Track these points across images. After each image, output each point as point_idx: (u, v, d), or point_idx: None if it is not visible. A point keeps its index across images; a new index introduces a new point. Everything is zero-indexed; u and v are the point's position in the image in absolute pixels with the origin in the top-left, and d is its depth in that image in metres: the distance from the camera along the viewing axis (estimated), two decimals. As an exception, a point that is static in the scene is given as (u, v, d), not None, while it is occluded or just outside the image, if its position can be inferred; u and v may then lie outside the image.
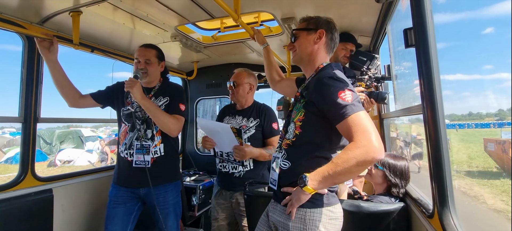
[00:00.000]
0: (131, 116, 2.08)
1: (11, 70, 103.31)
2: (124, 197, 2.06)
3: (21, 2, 1.74)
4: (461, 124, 9.44)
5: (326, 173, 1.15)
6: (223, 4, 1.58)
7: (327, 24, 1.43)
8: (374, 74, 2.15)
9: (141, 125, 2.07)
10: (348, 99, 1.16)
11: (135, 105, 2.09)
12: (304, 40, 1.44)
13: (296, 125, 1.34)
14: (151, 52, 2.11)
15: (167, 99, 2.13)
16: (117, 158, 2.15)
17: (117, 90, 2.18)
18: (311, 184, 1.16)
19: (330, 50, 1.45)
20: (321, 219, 1.26)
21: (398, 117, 2.64)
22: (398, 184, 1.75)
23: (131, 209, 2.07)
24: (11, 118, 2.06)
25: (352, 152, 1.09)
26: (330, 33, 1.43)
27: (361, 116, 1.14)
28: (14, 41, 14.40)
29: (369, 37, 2.48)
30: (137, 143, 2.03)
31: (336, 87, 1.20)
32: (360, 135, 1.10)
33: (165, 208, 2.07)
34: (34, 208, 2.01)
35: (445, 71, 10.03)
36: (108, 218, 2.05)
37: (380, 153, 1.08)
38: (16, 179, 1.98)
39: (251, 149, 2.07)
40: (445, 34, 47.96)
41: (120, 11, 1.95)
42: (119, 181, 2.09)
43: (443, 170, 1.18)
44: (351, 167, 1.09)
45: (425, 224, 1.36)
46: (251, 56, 3.23)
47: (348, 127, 1.14)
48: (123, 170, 2.09)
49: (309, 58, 1.44)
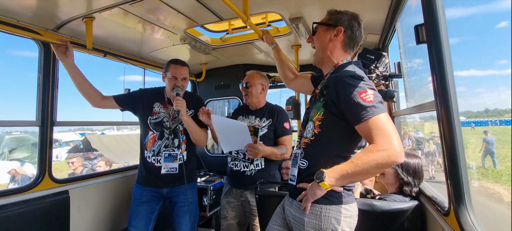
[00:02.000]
0: (159, 125, 2.20)
1: (28, 75, 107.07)
2: (148, 196, 2.19)
3: (37, 9, 1.80)
4: (477, 122, 9.20)
5: (345, 171, 1.13)
6: (232, 6, 1.60)
7: (348, 21, 1.38)
8: (382, 72, 2.12)
9: (169, 135, 2.20)
10: (369, 99, 1.13)
11: (162, 115, 2.22)
12: (321, 35, 1.41)
13: (315, 124, 1.31)
14: (186, 70, 2.24)
15: (192, 111, 2.27)
16: (142, 161, 2.23)
17: (141, 97, 2.27)
18: (328, 180, 1.15)
19: (349, 48, 1.40)
20: (337, 217, 1.26)
21: (409, 114, 2.60)
22: (411, 182, 1.73)
23: (154, 208, 2.22)
24: (29, 122, 2.14)
25: (373, 154, 1.07)
26: (350, 31, 1.37)
27: (383, 118, 1.11)
28: (31, 47, 14.58)
29: (378, 35, 2.45)
30: (165, 151, 2.17)
31: (357, 86, 1.17)
32: (381, 138, 1.08)
33: (184, 205, 2.23)
34: (52, 209, 2.08)
35: (458, 67, 9.74)
36: (132, 215, 2.17)
37: (401, 157, 1.07)
38: (34, 181, 2.05)
39: (263, 148, 2.09)
40: (458, 29, 46.85)
41: (131, 15, 1.99)
42: (144, 182, 2.21)
43: (459, 167, 1.16)
44: (370, 169, 1.08)
45: (440, 222, 1.33)
46: (259, 56, 3.24)
47: (368, 129, 1.12)
48: (149, 173, 2.20)
49: (326, 55, 1.40)
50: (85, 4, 1.79)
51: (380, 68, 2.13)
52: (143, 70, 3.08)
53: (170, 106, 2.24)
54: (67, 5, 1.80)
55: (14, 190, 1.97)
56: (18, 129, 15.80)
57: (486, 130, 10.09)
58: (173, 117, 2.23)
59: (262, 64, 3.54)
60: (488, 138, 9.49)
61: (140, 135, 2.27)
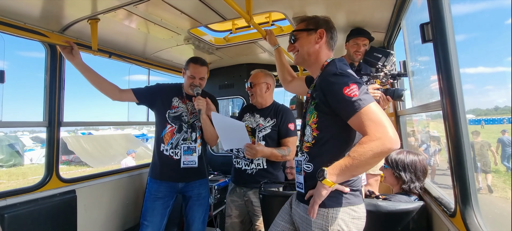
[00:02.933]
0: (178, 119, 2.25)
1: (36, 76, 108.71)
2: (164, 192, 2.22)
3: (43, 12, 1.83)
4: (488, 120, 8.65)
5: (344, 166, 1.14)
6: (235, 6, 1.60)
7: (326, 23, 1.42)
8: (390, 71, 2.10)
9: (188, 129, 2.25)
10: (354, 93, 1.14)
11: (181, 110, 2.27)
12: (305, 41, 1.43)
13: (312, 128, 1.33)
14: (205, 69, 2.26)
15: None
16: (158, 155, 2.24)
17: (160, 91, 2.31)
18: (330, 177, 1.16)
19: (331, 48, 1.44)
20: (344, 218, 1.25)
21: (414, 113, 2.57)
22: (406, 179, 1.70)
23: (168, 203, 2.26)
24: (36, 123, 2.18)
25: (367, 145, 1.08)
26: (330, 32, 1.42)
27: (372, 108, 1.12)
28: (38, 49, 14.81)
29: (383, 33, 2.43)
30: (184, 144, 2.21)
31: (340, 83, 1.18)
32: (374, 128, 1.08)
33: (198, 200, 2.29)
34: (60, 208, 2.12)
35: (465, 64, 9.47)
36: (148, 210, 2.19)
37: (396, 143, 1.07)
38: (42, 181, 2.08)
39: (262, 148, 2.08)
40: (465, 26, 45.82)
41: (135, 16, 2.01)
42: (161, 176, 2.23)
43: (465, 168, 1.15)
44: (368, 159, 1.08)
45: (446, 223, 1.32)
46: (263, 56, 3.24)
47: (359, 121, 1.12)
48: (166, 166, 2.22)
49: (312, 58, 1.43)
50: (90, 6, 1.81)
51: (388, 67, 2.10)
52: (148, 70, 3.11)
53: (188, 101, 2.30)
54: (72, 7, 1.82)
55: (23, 189, 2.00)
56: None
57: (504, 129, 9.09)
58: (191, 112, 2.28)
59: (266, 63, 3.53)
60: (504, 138, 8.23)
61: (156, 132, 2.29)
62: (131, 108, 3.73)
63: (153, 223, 2.16)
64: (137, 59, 2.86)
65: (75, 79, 1.99)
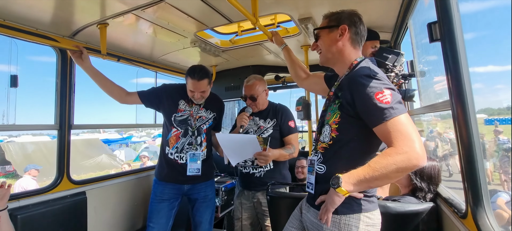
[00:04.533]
0: (184, 123, 2.24)
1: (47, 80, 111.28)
2: (170, 194, 2.23)
3: (54, 17, 1.87)
4: (502, 120, 8.18)
5: (362, 176, 1.07)
6: (241, 8, 1.61)
7: (349, 18, 1.32)
8: (400, 71, 2.07)
9: (193, 134, 2.24)
10: (387, 100, 1.07)
11: (187, 113, 2.25)
12: (326, 39, 1.35)
13: (332, 128, 1.26)
14: (204, 83, 2.14)
15: (214, 115, 2.36)
16: (164, 157, 2.24)
17: (166, 94, 2.27)
18: (345, 186, 1.09)
19: (357, 44, 1.33)
20: (358, 225, 1.19)
21: (423, 114, 2.53)
22: (425, 188, 1.64)
23: (174, 204, 2.26)
24: (48, 126, 2.23)
25: (392, 158, 1.01)
26: (354, 27, 1.31)
27: (402, 120, 1.05)
28: (49, 53, 15.10)
29: (389, 33, 2.41)
30: (190, 151, 2.21)
31: (373, 87, 1.10)
32: (401, 141, 1.02)
33: (204, 201, 2.30)
34: (70, 209, 2.16)
35: (475, 63, 9.17)
36: (154, 212, 2.20)
37: (423, 160, 1.00)
38: (53, 183, 2.13)
39: (272, 152, 2.07)
40: (474, 24, 44.72)
41: (143, 20, 2.04)
42: (166, 178, 2.23)
43: (476, 168, 1.13)
44: (389, 173, 1.02)
45: (457, 224, 1.30)
46: (269, 57, 3.25)
47: (387, 131, 1.06)
48: (171, 169, 2.22)
49: (336, 56, 1.34)
50: (99, 11, 1.85)
51: (398, 67, 2.08)
52: (155, 73, 3.16)
53: (195, 105, 2.29)
54: (82, 13, 1.86)
55: (35, 191, 2.05)
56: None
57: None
58: (197, 117, 2.27)
59: (272, 65, 3.54)
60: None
61: (163, 134, 2.30)
62: (139, 111, 3.77)
63: (159, 225, 2.17)
64: (145, 62, 2.90)
65: (85, 83, 2.04)
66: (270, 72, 3.67)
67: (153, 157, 16.04)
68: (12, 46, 6.31)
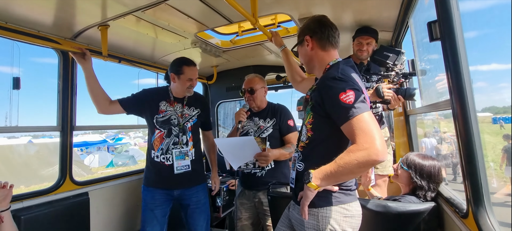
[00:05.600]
0: (166, 123, 2.21)
1: (49, 81, 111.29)
2: (161, 199, 2.20)
3: (56, 20, 1.89)
4: (506, 118, 7.99)
5: (329, 172, 1.15)
6: (241, 9, 1.61)
7: (308, 26, 1.42)
8: (401, 70, 2.06)
9: (178, 132, 2.21)
10: (350, 100, 1.14)
11: (169, 113, 2.23)
12: (302, 53, 1.48)
13: (307, 128, 1.35)
14: (197, 69, 2.28)
15: (197, 111, 2.34)
16: (150, 162, 2.22)
17: (146, 98, 2.24)
18: (315, 181, 1.17)
19: (328, 46, 1.40)
20: (335, 217, 1.27)
21: (424, 113, 2.52)
22: (424, 186, 1.64)
23: (166, 210, 2.24)
24: (50, 128, 2.24)
25: (354, 154, 1.08)
26: (316, 33, 1.39)
27: (364, 118, 1.11)
28: (51, 55, 14.99)
29: (390, 32, 2.40)
30: (175, 149, 2.17)
31: (337, 88, 1.17)
32: (362, 138, 1.08)
33: (197, 207, 2.25)
34: (73, 210, 2.17)
35: (477, 61, 8.98)
36: (147, 220, 2.17)
37: (382, 156, 1.06)
38: (56, 184, 2.15)
39: (272, 152, 2.09)
40: (475, 23, 44.43)
41: (143, 22, 2.05)
42: (156, 184, 2.19)
43: (477, 167, 1.12)
44: (352, 168, 1.09)
45: (458, 224, 1.29)
46: (269, 57, 3.25)
47: (351, 129, 1.12)
48: (160, 173, 2.18)
49: (312, 64, 1.45)
50: (100, 12, 1.86)
51: (398, 66, 2.07)
52: (156, 74, 3.17)
53: (177, 104, 2.26)
54: (83, 15, 1.88)
55: (39, 192, 2.07)
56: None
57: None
58: (181, 114, 2.25)
59: (272, 64, 3.54)
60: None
61: (148, 138, 2.28)
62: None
63: None
64: (146, 64, 2.92)
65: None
66: (271, 72, 3.67)
67: (129, 162, 15.69)
68: (14, 48, 6.30)
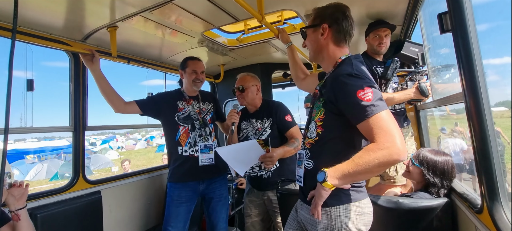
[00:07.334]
0: (188, 118, 2.32)
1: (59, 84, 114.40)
2: (187, 196, 2.26)
3: (67, 22, 1.93)
4: None
5: (346, 171, 1.11)
6: (247, 6, 1.61)
7: (331, 15, 1.33)
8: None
9: (201, 126, 2.32)
10: (368, 98, 1.10)
11: (188, 110, 2.33)
12: (311, 38, 1.39)
13: (317, 124, 1.30)
14: (203, 64, 2.38)
15: (211, 105, 2.47)
16: (179, 158, 2.25)
17: (163, 100, 2.34)
18: (331, 180, 1.13)
19: (342, 41, 1.34)
20: (349, 215, 1.24)
21: (435, 107, 2.47)
22: (437, 184, 1.61)
23: (190, 207, 2.31)
24: (63, 128, 2.30)
25: (374, 153, 1.05)
26: (336, 25, 1.32)
27: (383, 116, 1.09)
28: (62, 58, 15.46)
29: (399, 25, 2.35)
30: (201, 143, 2.28)
31: (354, 85, 1.13)
32: (383, 137, 1.06)
33: (220, 200, 2.36)
34: (86, 208, 2.23)
35: (488, 55, 8.75)
36: (171, 216, 2.23)
37: (403, 155, 1.04)
38: (70, 183, 2.21)
39: (277, 152, 2.03)
40: (486, 14, 43.05)
41: (151, 22, 2.07)
42: (185, 178, 2.24)
43: (491, 162, 1.09)
44: (372, 168, 1.06)
45: (473, 220, 1.27)
46: (276, 55, 3.24)
47: (369, 128, 1.09)
48: (189, 167, 2.24)
49: (321, 55, 1.38)
50: (109, 14, 1.89)
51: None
52: (164, 74, 3.20)
53: (193, 101, 2.37)
54: (93, 17, 1.91)
55: (53, 190, 2.13)
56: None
57: None
58: (198, 110, 2.36)
59: (279, 62, 3.53)
60: None
61: (169, 138, 2.30)
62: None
63: (177, 229, 2.21)
64: (154, 64, 2.95)
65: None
66: (278, 69, 3.66)
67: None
68: (27, 51, 6.46)
